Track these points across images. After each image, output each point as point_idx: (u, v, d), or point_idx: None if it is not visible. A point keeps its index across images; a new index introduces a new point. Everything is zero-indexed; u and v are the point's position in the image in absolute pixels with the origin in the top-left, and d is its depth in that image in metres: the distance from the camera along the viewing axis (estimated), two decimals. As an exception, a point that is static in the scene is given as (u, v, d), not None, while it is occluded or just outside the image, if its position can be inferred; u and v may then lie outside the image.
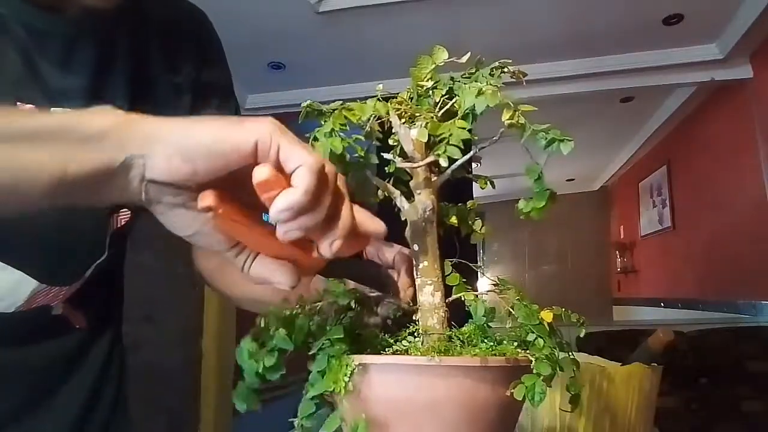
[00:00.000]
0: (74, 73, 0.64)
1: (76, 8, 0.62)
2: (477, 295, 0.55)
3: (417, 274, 0.55)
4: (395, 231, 0.61)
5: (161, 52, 0.74)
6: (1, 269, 0.64)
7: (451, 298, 0.55)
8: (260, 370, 0.48)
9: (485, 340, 0.51)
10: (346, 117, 0.50)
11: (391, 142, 0.56)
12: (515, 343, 0.51)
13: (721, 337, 2.25)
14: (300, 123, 0.53)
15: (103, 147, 0.40)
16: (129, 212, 0.74)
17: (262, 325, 0.51)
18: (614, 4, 2.87)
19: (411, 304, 0.56)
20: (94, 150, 0.40)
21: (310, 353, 0.50)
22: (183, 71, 0.76)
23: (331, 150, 0.49)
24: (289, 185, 0.38)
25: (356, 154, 0.52)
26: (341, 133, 0.50)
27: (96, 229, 0.70)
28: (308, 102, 0.52)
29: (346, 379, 0.47)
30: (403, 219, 0.56)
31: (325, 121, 0.51)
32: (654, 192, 5.28)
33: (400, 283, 0.65)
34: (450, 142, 0.49)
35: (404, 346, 0.51)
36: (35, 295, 0.67)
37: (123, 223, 0.74)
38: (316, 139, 0.50)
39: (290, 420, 0.49)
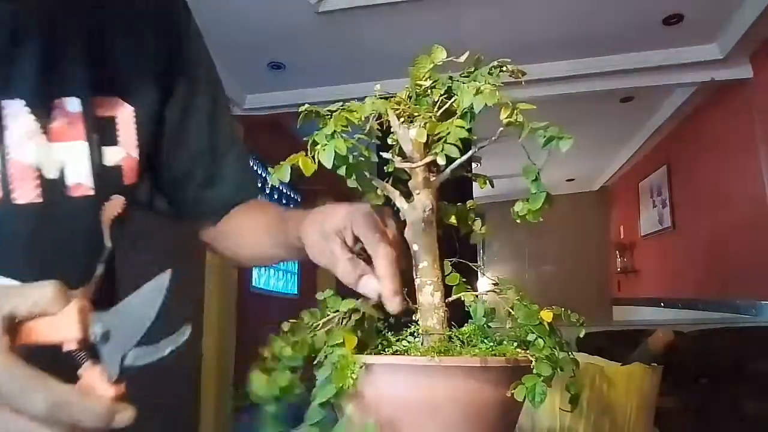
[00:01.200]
0: (19, 63, 0.59)
1: None
2: (477, 296, 0.55)
3: (416, 274, 0.55)
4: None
5: (126, 32, 0.69)
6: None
7: (451, 298, 0.55)
8: (277, 393, 0.48)
9: (485, 341, 0.51)
10: (346, 118, 0.50)
11: (389, 141, 0.56)
12: (515, 344, 0.51)
13: (721, 337, 2.25)
14: (299, 127, 0.53)
15: None
16: (123, 199, 0.69)
17: (267, 355, 0.50)
18: (614, 4, 2.87)
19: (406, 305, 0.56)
20: None
21: (314, 363, 0.49)
22: (150, 53, 0.70)
23: (335, 152, 0.49)
24: None
25: (357, 152, 0.52)
26: (343, 134, 0.50)
27: (91, 223, 0.66)
28: (306, 105, 0.52)
29: (354, 376, 0.47)
30: (402, 219, 0.56)
31: (324, 124, 0.51)
32: (654, 192, 5.27)
33: (384, 291, 0.55)
34: (448, 141, 0.49)
35: (404, 346, 0.51)
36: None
37: (119, 211, 0.69)
38: (315, 142, 0.50)
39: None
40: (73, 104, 0.62)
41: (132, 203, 0.71)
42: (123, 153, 0.67)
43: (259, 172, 3.56)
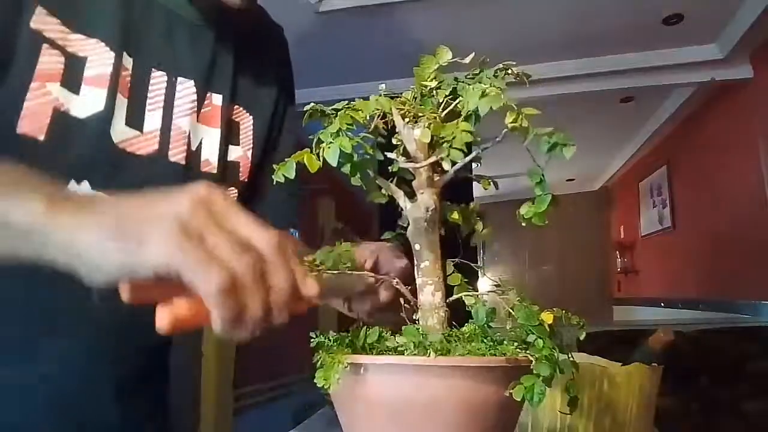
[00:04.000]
0: (197, 56, 0.74)
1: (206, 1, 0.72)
2: (478, 297, 0.55)
3: (418, 274, 0.55)
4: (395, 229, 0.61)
5: (259, 59, 0.85)
6: None
7: (451, 298, 0.55)
8: None
9: (485, 340, 0.52)
10: (351, 116, 0.50)
11: (394, 141, 0.56)
12: (515, 344, 0.51)
13: (721, 337, 2.25)
14: (303, 125, 0.53)
15: (30, 243, 0.43)
16: (237, 192, 0.81)
17: None
18: (614, 4, 2.86)
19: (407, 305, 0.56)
20: (22, 246, 0.43)
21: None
22: (269, 83, 0.87)
23: (340, 150, 0.49)
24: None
25: (362, 151, 0.52)
26: (348, 133, 0.50)
27: None
28: (312, 104, 0.53)
29: (337, 376, 0.47)
30: (406, 224, 0.56)
31: (329, 122, 0.51)
32: (654, 192, 5.27)
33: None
34: (453, 146, 0.49)
35: (404, 346, 0.51)
36: None
37: None
38: (320, 141, 0.50)
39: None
40: (217, 99, 0.77)
41: (239, 199, 0.82)
42: (241, 152, 0.82)
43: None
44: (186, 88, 0.73)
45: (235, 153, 0.81)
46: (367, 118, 0.52)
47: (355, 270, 0.57)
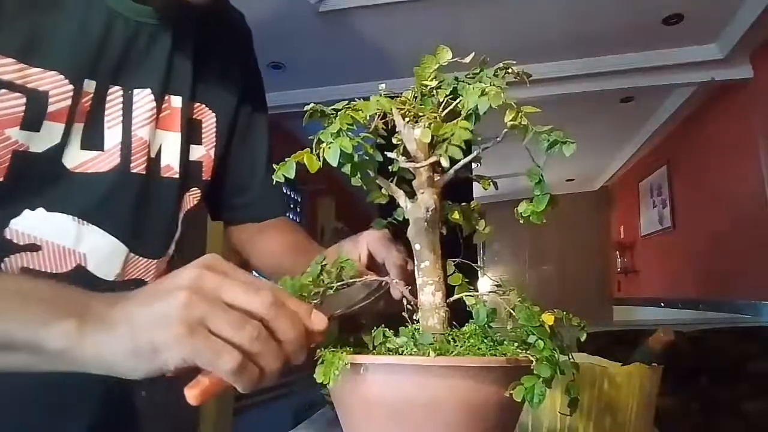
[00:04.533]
0: (154, 62, 0.73)
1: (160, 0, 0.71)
2: (478, 297, 0.55)
3: (418, 274, 0.55)
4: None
5: (220, 52, 0.84)
6: (99, 236, 0.71)
7: (452, 299, 0.55)
8: None
9: (485, 341, 0.51)
10: (352, 117, 0.50)
11: (394, 141, 0.56)
12: (515, 344, 0.51)
13: (721, 337, 2.25)
14: (303, 125, 0.53)
15: (62, 362, 0.46)
16: (199, 192, 0.83)
17: None
18: (614, 4, 2.86)
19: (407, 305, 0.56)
20: (53, 363, 0.47)
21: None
22: (232, 75, 0.85)
23: (341, 150, 0.49)
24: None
25: (362, 152, 0.52)
26: (348, 133, 0.50)
27: (172, 203, 0.79)
28: (312, 104, 0.52)
29: (337, 372, 0.47)
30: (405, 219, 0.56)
31: (329, 123, 0.51)
32: (654, 192, 5.27)
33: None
34: (452, 143, 0.49)
35: (405, 346, 0.51)
36: (127, 265, 0.74)
37: (195, 203, 0.82)
38: (320, 141, 0.50)
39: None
40: (176, 101, 0.77)
41: (203, 198, 0.84)
42: (204, 152, 0.82)
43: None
44: (143, 98, 0.73)
45: (197, 152, 0.81)
46: (367, 118, 0.52)
47: (357, 276, 0.57)
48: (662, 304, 4.99)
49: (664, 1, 2.87)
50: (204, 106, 0.82)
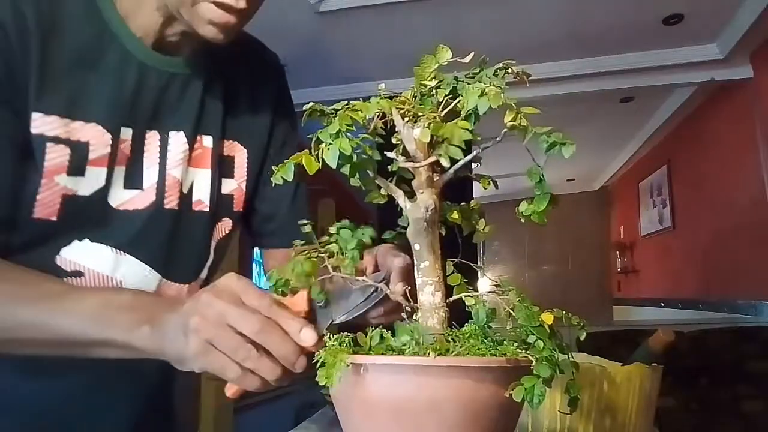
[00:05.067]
0: (186, 107, 0.81)
1: (188, 49, 0.78)
2: (478, 297, 0.55)
3: (418, 274, 0.55)
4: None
5: (249, 93, 0.90)
6: (134, 264, 0.79)
7: (452, 299, 0.55)
8: None
9: (485, 341, 0.51)
10: (351, 117, 0.50)
11: (394, 141, 0.56)
12: (515, 344, 0.51)
13: (721, 337, 2.25)
14: (302, 125, 0.53)
15: (146, 354, 0.61)
16: (231, 222, 0.89)
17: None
18: (614, 4, 2.87)
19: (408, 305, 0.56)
20: (141, 354, 0.61)
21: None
22: (263, 112, 0.91)
23: (340, 151, 0.49)
24: None
25: (361, 151, 0.52)
26: (348, 134, 0.50)
27: (203, 234, 0.86)
28: (311, 103, 0.52)
29: (339, 374, 0.47)
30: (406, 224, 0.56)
31: (328, 123, 0.51)
32: (654, 192, 5.28)
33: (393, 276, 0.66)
34: (452, 143, 0.49)
35: (404, 347, 0.51)
36: (160, 289, 0.82)
37: (227, 232, 0.89)
38: (319, 141, 0.50)
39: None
40: (207, 141, 0.84)
41: (236, 227, 0.91)
42: (236, 185, 0.89)
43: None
44: (177, 140, 0.80)
45: (229, 186, 0.88)
46: (367, 118, 0.52)
47: (355, 275, 0.58)
48: (662, 304, 4.99)
49: (664, 1, 2.87)
50: (235, 142, 0.88)
